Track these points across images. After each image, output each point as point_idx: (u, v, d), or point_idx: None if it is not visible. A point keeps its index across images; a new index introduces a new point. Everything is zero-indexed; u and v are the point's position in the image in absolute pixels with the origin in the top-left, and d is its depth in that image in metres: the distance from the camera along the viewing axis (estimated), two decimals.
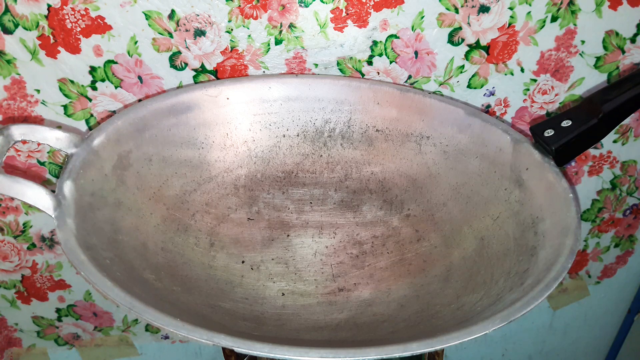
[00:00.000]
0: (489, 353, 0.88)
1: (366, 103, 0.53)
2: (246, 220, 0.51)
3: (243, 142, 0.53)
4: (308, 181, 0.54)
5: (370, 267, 0.48)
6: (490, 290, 0.40)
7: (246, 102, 0.52)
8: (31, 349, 0.75)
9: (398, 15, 0.52)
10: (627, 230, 0.75)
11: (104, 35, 0.50)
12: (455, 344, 0.33)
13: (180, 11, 0.50)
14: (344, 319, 0.43)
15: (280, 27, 0.52)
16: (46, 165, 0.59)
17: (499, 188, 0.47)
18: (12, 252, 0.64)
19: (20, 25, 0.49)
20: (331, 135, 0.54)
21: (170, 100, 0.50)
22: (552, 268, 0.37)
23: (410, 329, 0.40)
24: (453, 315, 0.39)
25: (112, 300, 0.34)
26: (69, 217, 0.38)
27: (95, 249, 0.38)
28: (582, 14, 0.54)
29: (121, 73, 0.53)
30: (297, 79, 0.53)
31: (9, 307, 0.70)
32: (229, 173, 0.53)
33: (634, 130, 0.64)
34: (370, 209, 0.53)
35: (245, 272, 0.47)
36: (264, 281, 0.47)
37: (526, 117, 0.61)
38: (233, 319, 0.42)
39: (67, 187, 0.40)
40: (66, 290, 0.69)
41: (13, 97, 0.53)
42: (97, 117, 0.56)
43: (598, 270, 0.79)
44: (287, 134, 0.54)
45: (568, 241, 0.39)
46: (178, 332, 0.32)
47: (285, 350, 0.32)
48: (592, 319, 0.85)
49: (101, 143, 0.44)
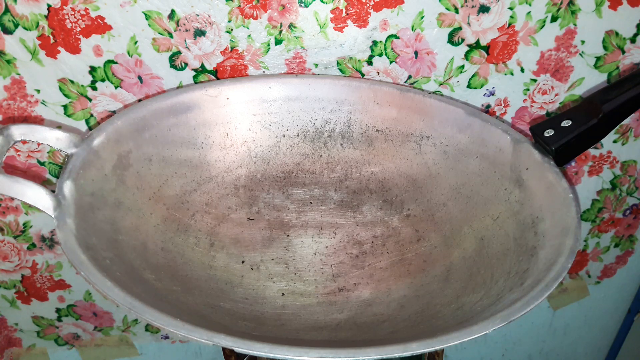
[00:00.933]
0: (489, 353, 0.88)
1: (366, 103, 0.53)
2: (246, 220, 0.51)
3: (243, 142, 0.53)
4: (308, 181, 0.54)
5: (370, 267, 0.48)
6: (490, 290, 0.40)
7: (246, 102, 0.52)
8: (31, 349, 0.75)
9: (398, 15, 0.52)
10: (627, 230, 0.75)
11: (104, 35, 0.50)
12: (455, 344, 0.33)
13: (180, 11, 0.50)
14: (344, 319, 0.43)
15: (280, 27, 0.52)
16: (46, 165, 0.59)
17: (499, 188, 0.47)
18: (12, 252, 0.64)
19: (20, 25, 0.49)
20: (331, 135, 0.54)
21: (170, 100, 0.50)
22: (552, 268, 0.37)
23: (410, 329, 0.40)
24: (453, 315, 0.39)
25: (112, 300, 0.34)
26: (68, 217, 0.38)
27: (95, 249, 0.38)
28: (582, 14, 0.54)
29: (121, 73, 0.53)
30: (297, 79, 0.53)
31: (9, 307, 0.70)
32: (229, 173, 0.53)
33: (634, 130, 0.64)
34: (370, 209, 0.53)
35: (245, 272, 0.47)
36: (264, 281, 0.47)
37: (526, 117, 0.61)
38: (233, 319, 0.42)
39: (67, 187, 0.40)
40: (66, 290, 0.69)
41: (13, 97, 0.53)
42: (97, 117, 0.56)
43: (598, 270, 0.79)
44: (287, 134, 0.54)
45: (568, 241, 0.39)
46: (178, 332, 0.32)
47: (285, 350, 0.32)
48: (592, 319, 0.85)
49: (101, 143, 0.44)
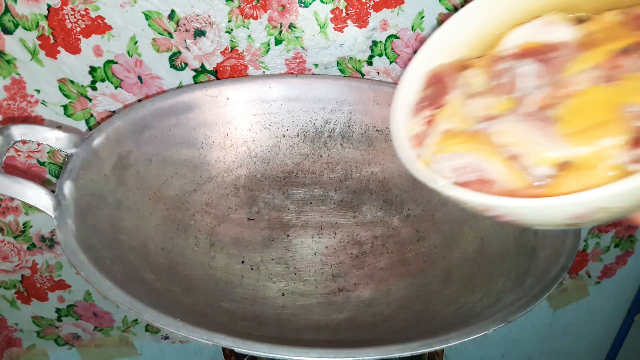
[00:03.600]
0: (489, 353, 0.88)
1: (366, 103, 0.53)
2: (246, 221, 0.51)
3: (243, 142, 0.53)
4: (308, 181, 0.54)
5: (370, 267, 0.48)
6: (490, 290, 0.40)
7: (246, 102, 0.52)
8: (31, 349, 0.75)
9: (398, 15, 0.52)
10: (627, 230, 0.75)
11: (104, 36, 0.50)
12: (455, 344, 0.33)
13: (180, 11, 0.50)
14: (344, 319, 0.43)
15: (280, 27, 0.52)
16: (46, 165, 0.59)
17: None
18: (12, 252, 0.64)
19: (20, 26, 0.49)
20: (331, 136, 0.54)
21: (170, 100, 0.50)
22: (552, 268, 0.37)
23: (410, 329, 0.40)
24: (453, 315, 0.39)
25: (112, 300, 0.34)
26: (68, 217, 0.38)
27: (95, 249, 0.38)
28: None
29: (121, 73, 0.53)
30: (297, 79, 0.53)
31: (9, 307, 0.70)
32: (229, 173, 0.53)
33: None
34: (370, 209, 0.53)
35: (245, 272, 0.47)
36: (264, 281, 0.47)
37: None
38: (233, 319, 0.42)
39: (67, 188, 0.40)
40: (66, 291, 0.69)
41: (13, 97, 0.53)
42: (97, 117, 0.56)
43: (598, 270, 0.79)
44: (287, 134, 0.54)
45: (568, 241, 0.39)
46: (178, 332, 0.32)
47: (285, 350, 0.32)
48: (592, 319, 0.85)
49: (101, 143, 0.44)
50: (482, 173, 0.30)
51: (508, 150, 0.29)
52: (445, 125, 0.33)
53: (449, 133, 0.33)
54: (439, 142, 0.33)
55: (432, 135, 0.33)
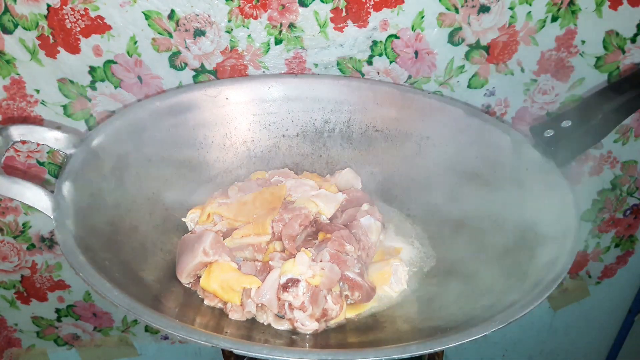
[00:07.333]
0: (489, 354, 0.88)
1: (366, 103, 0.53)
2: None
3: (242, 142, 0.53)
4: None
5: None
6: (490, 291, 0.40)
7: (246, 102, 0.52)
8: (31, 349, 0.75)
9: (398, 15, 0.52)
10: (627, 230, 0.74)
11: (104, 35, 0.50)
12: (455, 345, 0.32)
13: (180, 11, 0.50)
14: (343, 319, 0.43)
15: (280, 27, 0.52)
16: (45, 165, 0.59)
17: (499, 188, 0.47)
18: (11, 252, 0.64)
19: (19, 25, 0.49)
20: (331, 136, 0.54)
21: (169, 100, 0.50)
22: (552, 268, 0.37)
23: (410, 330, 0.40)
24: (453, 316, 0.39)
25: (111, 301, 0.34)
26: (67, 218, 0.38)
27: (94, 250, 0.38)
28: (582, 14, 0.53)
29: (121, 73, 0.53)
30: (296, 79, 0.53)
31: (9, 307, 0.70)
32: (229, 173, 0.52)
33: (634, 130, 0.64)
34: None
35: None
36: None
37: (526, 117, 0.60)
38: (232, 319, 0.42)
39: (66, 188, 0.40)
40: (66, 291, 0.69)
41: (13, 97, 0.53)
42: (96, 117, 0.56)
43: (598, 270, 0.79)
44: (286, 134, 0.54)
45: (568, 241, 0.39)
46: (177, 334, 0.32)
47: (284, 352, 0.32)
48: (592, 319, 0.85)
49: (100, 143, 0.44)
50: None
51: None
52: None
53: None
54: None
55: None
